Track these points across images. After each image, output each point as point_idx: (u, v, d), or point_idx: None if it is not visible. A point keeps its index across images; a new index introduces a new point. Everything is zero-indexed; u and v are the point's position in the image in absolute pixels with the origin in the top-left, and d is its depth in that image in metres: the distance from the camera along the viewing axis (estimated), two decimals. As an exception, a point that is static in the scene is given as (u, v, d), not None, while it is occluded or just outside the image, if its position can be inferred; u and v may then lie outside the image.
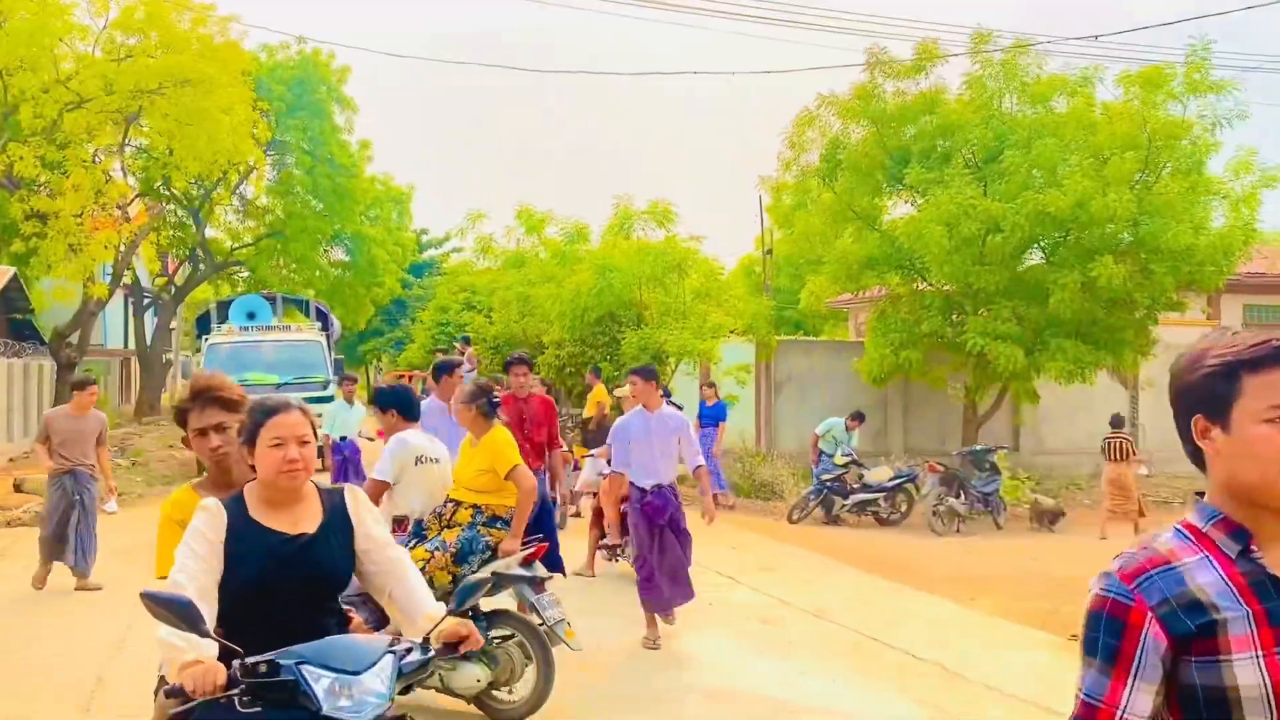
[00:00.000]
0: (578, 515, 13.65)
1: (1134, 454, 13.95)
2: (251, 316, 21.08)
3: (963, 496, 14.15)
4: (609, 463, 8.50)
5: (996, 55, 16.00)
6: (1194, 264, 14.70)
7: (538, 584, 5.88)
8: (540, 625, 5.73)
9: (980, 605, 9.25)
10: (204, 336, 20.76)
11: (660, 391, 7.90)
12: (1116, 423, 14.30)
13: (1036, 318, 15.35)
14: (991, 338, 15.09)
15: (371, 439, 12.71)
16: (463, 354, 20.49)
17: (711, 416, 15.43)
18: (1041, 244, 15.92)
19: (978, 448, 15.08)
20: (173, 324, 37.23)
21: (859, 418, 15.14)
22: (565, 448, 13.27)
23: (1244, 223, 14.84)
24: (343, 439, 12.23)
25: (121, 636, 7.78)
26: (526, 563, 5.87)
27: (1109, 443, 13.96)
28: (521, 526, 5.87)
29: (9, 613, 8.71)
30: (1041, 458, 19.34)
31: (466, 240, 22.81)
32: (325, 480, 11.27)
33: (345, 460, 12.14)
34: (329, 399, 17.87)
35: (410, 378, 21.82)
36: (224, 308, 22.67)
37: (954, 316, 16.44)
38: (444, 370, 7.98)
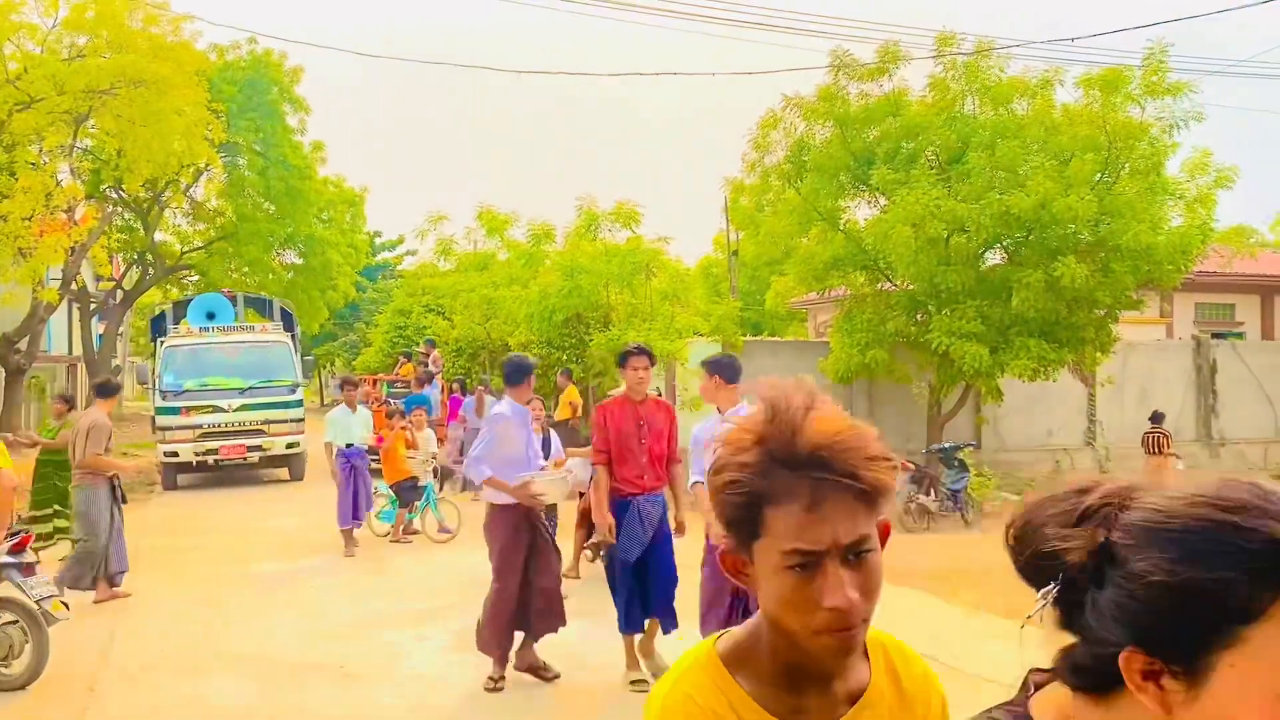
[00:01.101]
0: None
1: (1169, 448, 14.31)
2: (211, 316, 20.23)
3: (933, 494, 14.32)
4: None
5: (960, 58, 16.22)
6: (1153, 263, 15.03)
7: (25, 569, 6.74)
8: (35, 606, 6.55)
9: (963, 600, 9.38)
10: (160, 339, 19.70)
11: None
12: (1156, 418, 14.67)
13: (1000, 316, 15.58)
14: (956, 336, 15.28)
15: (375, 447, 12.39)
16: (427, 356, 20.36)
17: None
18: (1004, 244, 16.16)
19: (946, 445, 15.28)
20: (120, 329, 36.54)
21: None
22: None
23: (1200, 222, 15.18)
24: (348, 446, 11.77)
25: (104, 646, 7.63)
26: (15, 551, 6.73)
27: (1148, 437, 14.30)
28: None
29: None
30: (1003, 455, 19.66)
31: (426, 242, 22.56)
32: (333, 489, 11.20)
33: (354, 469, 11.69)
34: (298, 404, 17.59)
35: (375, 382, 21.51)
36: (181, 307, 21.86)
37: (919, 316, 16.63)
38: (526, 371, 6.77)
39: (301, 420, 18.25)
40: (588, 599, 8.68)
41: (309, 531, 13.20)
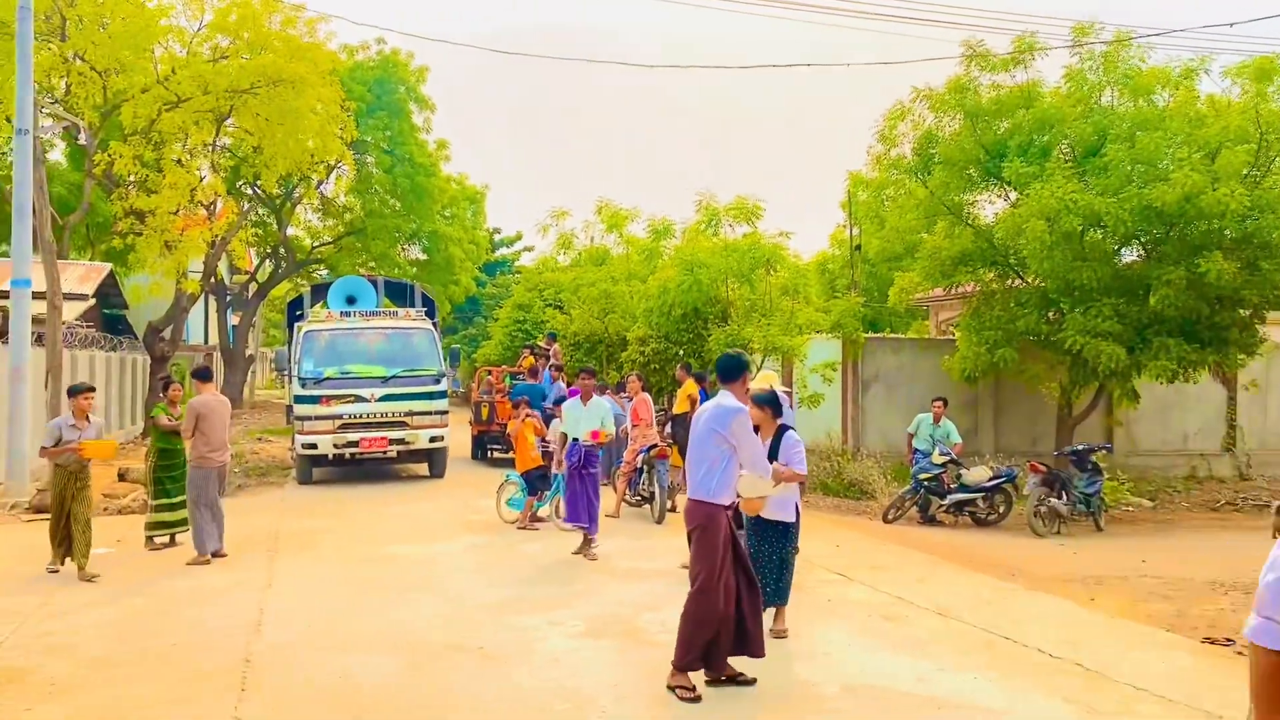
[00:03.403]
0: (674, 510, 13.65)
1: None
2: (352, 301, 18.86)
3: (1064, 497, 13.85)
4: None
5: (1098, 48, 15.64)
6: (1306, 261, 14.24)
7: None
8: None
9: (1101, 606, 9.04)
10: (296, 324, 18.54)
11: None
12: None
13: (1137, 315, 14.97)
14: (1091, 335, 14.75)
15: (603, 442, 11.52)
16: (549, 349, 20.60)
17: None
18: (1143, 240, 15.52)
19: (1079, 447, 14.75)
20: (253, 319, 38.01)
21: (941, 401, 14.90)
22: (658, 443, 13.30)
23: (1360, 218, 14.31)
24: (575, 441, 11.18)
25: (256, 619, 7.93)
26: None
27: None
28: None
29: (137, 598, 8.91)
30: (1136, 459, 18.92)
31: (547, 237, 22.82)
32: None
33: (583, 463, 11.05)
34: (442, 395, 17.03)
35: (497, 374, 21.84)
36: (320, 291, 20.66)
37: (1050, 314, 16.12)
38: (744, 368, 6.58)
39: (445, 413, 17.21)
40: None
41: (440, 516, 13.50)
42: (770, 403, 7.70)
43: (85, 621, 8.02)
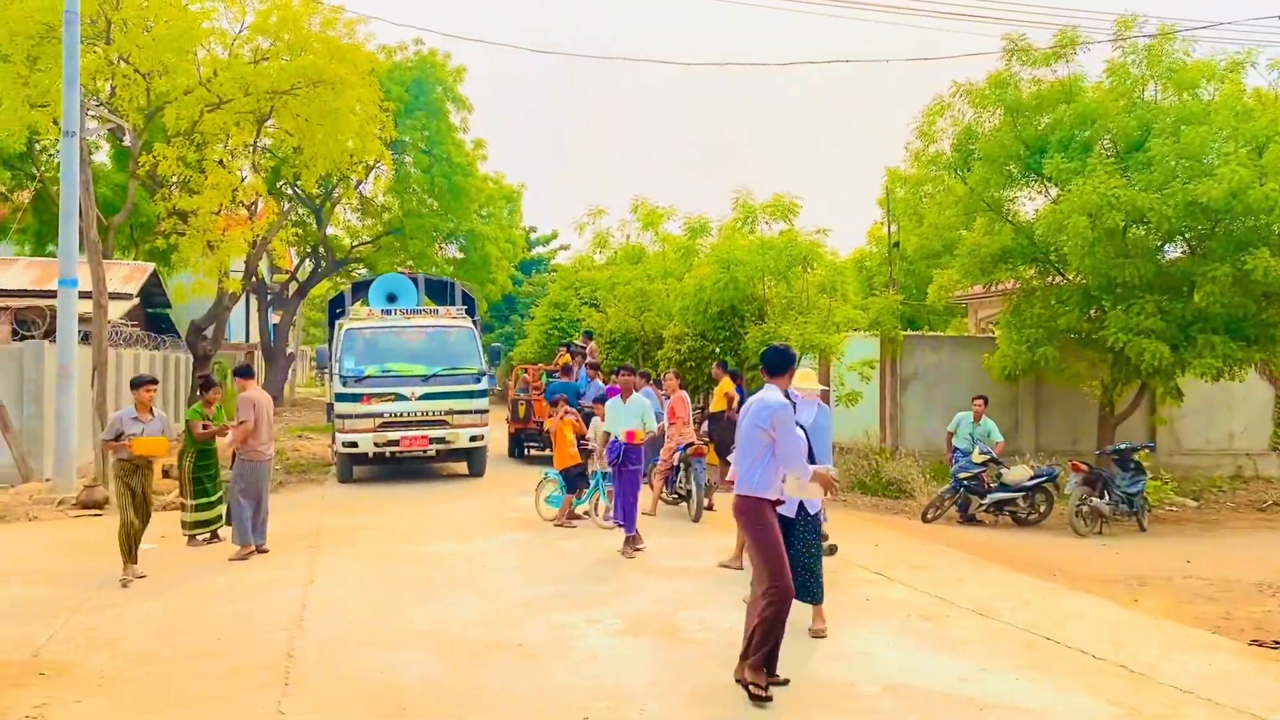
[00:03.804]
0: (711, 508, 13.64)
1: None
2: (392, 299, 18.86)
3: (1106, 496, 13.67)
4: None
5: (1141, 41, 15.41)
6: (1356, 257, 13.92)
7: None
8: None
9: (1145, 607, 8.92)
10: (337, 321, 18.61)
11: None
12: None
13: (1181, 312, 14.73)
14: (1133, 333, 14.53)
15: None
16: (585, 347, 20.65)
17: None
18: (1186, 236, 15.27)
19: (1122, 446, 14.55)
20: (293, 318, 38.39)
21: (982, 399, 14.76)
22: (694, 441, 13.29)
23: None
24: (615, 439, 11.23)
25: (298, 615, 8.02)
26: None
27: None
28: None
29: (180, 594, 9.04)
30: (1179, 458, 18.64)
31: (584, 235, 22.89)
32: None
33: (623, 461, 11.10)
34: (482, 394, 17.04)
35: (534, 372, 21.91)
36: (361, 289, 20.74)
37: (1092, 311, 15.91)
38: (791, 360, 6.67)
39: (486, 412, 17.25)
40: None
41: (479, 514, 13.58)
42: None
43: (129, 616, 8.15)
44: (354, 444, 16.37)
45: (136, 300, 22.80)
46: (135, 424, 9.69)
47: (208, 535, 11.36)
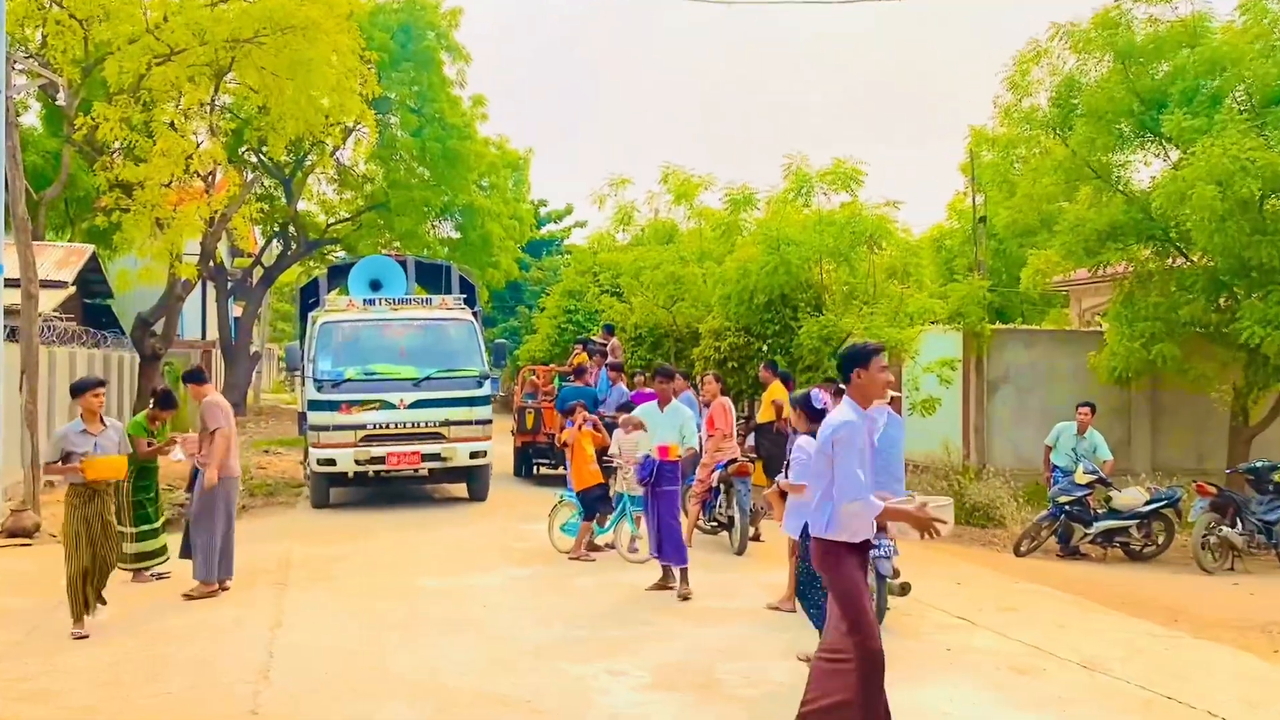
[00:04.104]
0: (757, 538, 13.64)
1: None
2: (377, 287, 18.66)
3: (1239, 525, 13.54)
4: None
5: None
6: None
7: None
8: None
9: (1289, 659, 8.84)
10: (310, 314, 18.49)
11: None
12: None
13: (1333, 301, 14.60)
14: (1273, 326, 14.40)
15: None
16: (605, 344, 20.67)
17: None
18: (1338, 208, 15.13)
19: (1258, 464, 14.39)
20: (259, 309, 38.71)
21: (1088, 407, 14.66)
22: (739, 457, 13.28)
23: None
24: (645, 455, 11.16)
25: (264, 663, 8.09)
26: None
27: None
28: None
29: (129, 638, 9.13)
30: (1330, 479, 18.41)
31: (605, 210, 22.94)
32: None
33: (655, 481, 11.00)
34: (484, 401, 17.04)
35: (545, 373, 21.97)
36: (339, 274, 20.50)
37: (1222, 300, 15.77)
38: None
39: (489, 422, 17.16)
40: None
41: (478, 543, 13.62)
42: (803, 404, 8.73)
43: (71, 663, 8.24)
44: (331, 461, 16.37)
45: (73, 289, 23.09)
46: (85, 439, 9.39)
47: (158, 569, 11.43)
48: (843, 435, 6.02)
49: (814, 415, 8.28)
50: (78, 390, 9.77)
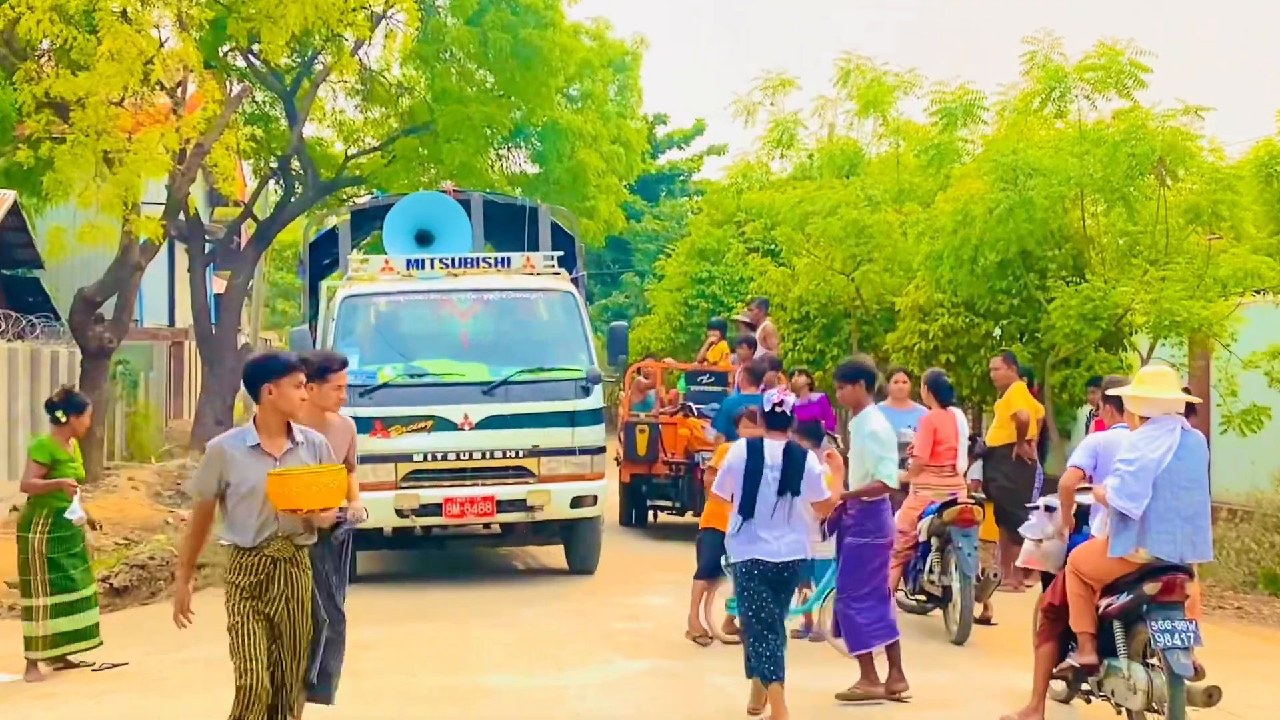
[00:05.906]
0: (988, 619, 13.44)
1: None
2: (425, 240, 18.06)
3: None
4: None
5: None
6: None
7: None
8: None
9: None
10: (324, 281, 18.53)
11: None
12: None
13: None
14: None
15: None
16: (754, 326, 20.57)
17: None
18: None
19: None
20: (250, 283, 39.18)
21: None
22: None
23: None
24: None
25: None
26: None
27: None
28: None
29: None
30: None
31: (753, 128, 22.89)
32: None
33: None
34: (594, 417, 16.29)
35: (663, 371, 21.99)
36: (367, 221, 20.79)
37: None
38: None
39: (601, 450, 16.54)
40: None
41: (570, 625, 13.65)
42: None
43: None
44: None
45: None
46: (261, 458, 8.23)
47: (82, 657, 11.61)
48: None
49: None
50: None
